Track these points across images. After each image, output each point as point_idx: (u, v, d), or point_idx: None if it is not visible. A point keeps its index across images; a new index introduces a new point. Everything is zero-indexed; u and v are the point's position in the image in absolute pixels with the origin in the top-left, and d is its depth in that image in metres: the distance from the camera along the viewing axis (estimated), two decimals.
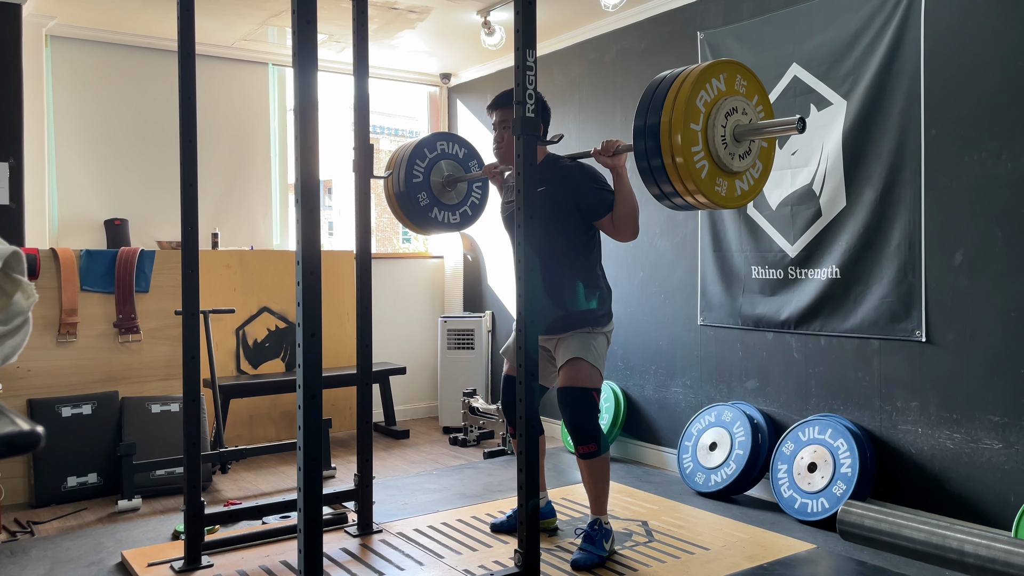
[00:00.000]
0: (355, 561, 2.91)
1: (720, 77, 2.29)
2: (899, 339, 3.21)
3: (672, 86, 2.26)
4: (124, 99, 4.74)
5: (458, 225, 3.43)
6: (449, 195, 3.38)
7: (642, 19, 4.29)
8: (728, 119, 2.26)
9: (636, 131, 2.30)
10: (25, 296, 1.24)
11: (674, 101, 2.22)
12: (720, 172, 2.27)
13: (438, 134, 3.41)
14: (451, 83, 5.87)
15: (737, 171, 2.30)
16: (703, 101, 2.23)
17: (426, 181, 3.30)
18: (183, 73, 2.77)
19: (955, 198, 3.04)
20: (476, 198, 3.48)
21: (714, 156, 2.25)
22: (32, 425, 0.74)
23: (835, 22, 3.39)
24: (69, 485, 3.69)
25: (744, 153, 2.30)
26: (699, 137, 2.21)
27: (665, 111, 2.23)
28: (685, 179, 2.21)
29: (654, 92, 2.30)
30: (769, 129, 2.28)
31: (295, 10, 2.10)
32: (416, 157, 3.29)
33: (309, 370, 2.10)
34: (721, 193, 2.26)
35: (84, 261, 3.98)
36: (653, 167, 2.26)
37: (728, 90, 2.29)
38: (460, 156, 3.42)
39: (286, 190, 5.30)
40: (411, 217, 3.32)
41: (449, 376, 5.27)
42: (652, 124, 2.25)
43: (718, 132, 2.23)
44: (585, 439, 2.85)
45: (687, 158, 2.18)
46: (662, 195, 2.33)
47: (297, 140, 2.12)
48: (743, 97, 2.32)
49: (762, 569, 2.81)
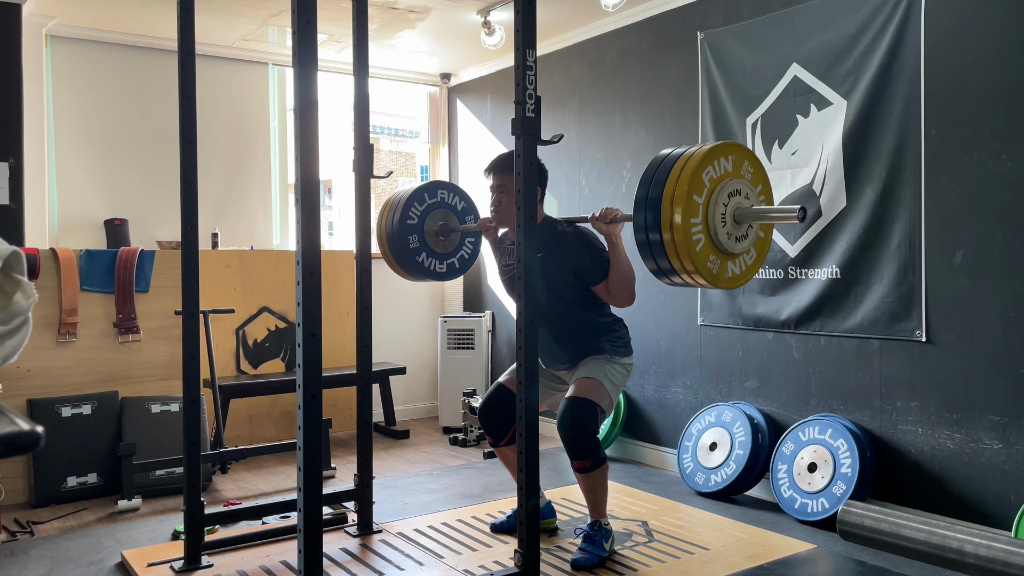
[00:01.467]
0: (355, 561, 2.91)
1: (728, 158, 2.29)
2: (899, 339, 3.21)
3: (678, 161, 2.25)
4: (124, 99, 4.74)
5: (444, 275, 3.39)
6: (440, 243, 3.35)
7: (642, 19, 4.29)
8: (731, 199, 2.26)
9: (637, 203, 2.28)
10: (25, 296, 1.24)
11: (680, 173, 2.22)
12: (715, 250, 2.26)
13: (440, 182, 3.38)
14: (451, 83, 5.87)
15: (732, 252, 2.29)
16: (709, 176, 2.23)
17: (420, 225, 3.28)
18: (183, 73, 2.77)
19: (955, 198, 3.04)
20: (467, 252, 3.44)
21: (711, 232, 2.24)
22: (32, 425, 0.74)
23: (835, 22, 3.39)
24: (69, 485, 3.69)
25: (741, 236, 2.30)
26: (700, 210, 2.21)
27: (668, 185, 2.22)
28: (682, 252, 2.19)
29: (658, 166, 2.30)
30: (770, 214, 2.28)
31: (295, 10, 2.10)
32: (415, 200, 3.27)
33: (309, 370, 2.10)
34: (713, 270, 2.25)
35: (84, 261, 3.98)
36: (651, 241, 2.25)
37: (734, 172, 2.30)
38: (458, 208, 3.38)
39: (286, 190, 5.30)
40: (398, 258, 3.28)
41: (449, 376, 5.27)
42: (654, 197, 2.24)
43: (719, 210, 2.23)
44: (580, 454, 2.81)
45: (685, 228, 2.17)
46: (659, 270, 2.31)
47: (297, 140, 2.12)
48: (748, 182, 2.32)
49: (762, 569, 2.81)
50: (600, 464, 2.84)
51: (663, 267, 2.28)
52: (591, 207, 4.62)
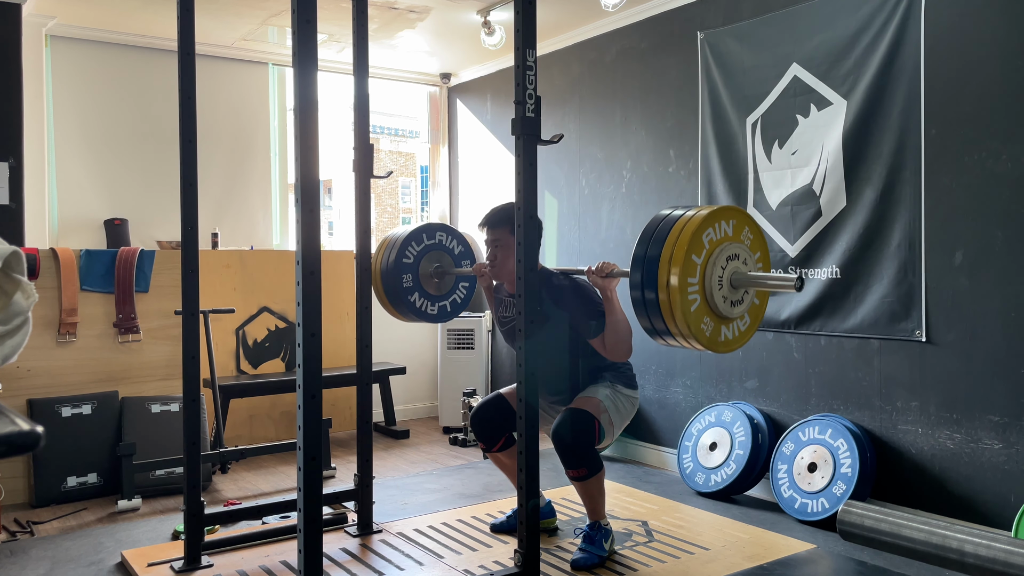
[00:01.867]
0: (355, 561, 2.91)
1: (729, 222, 2.29)
2: (899, 339, 3.21)
3: (679, 221, 2.25)
4: (124, 99, 4.75)
5: (435, 317, 3.36)
6: (434, 285, 3.33)
7: (642, 19, 4.29)
8: (728, 263, 2.26)
9: (635, 260, 2.28)
10: (25, 296, 1.24)
11: (680, 232, 2.21)
12: (710, 312, 2.25)
13: (439, 225, 3.36)
14: (451, 83, 5.87)
15: (726, 316, 2.28)
16: (709, 238, 2.23)
17: (415, 265, 3.26)
18: (183, 73, 2.77)
19: (955, 198, 3.04)
20: (459, 297, 3.42)
21: (707, 294, 2.23)
22: (32, 425, 0.74)
23: (835, 22, 3.39)
24: (69, 485, 3.69)
25: (736, 301, 2.29)
26: (698, 271, 2.21)
27: (668, 244, 2.21)
28: (676, 312, 2.18)
29: (658, 225, 2.29)
30: (767, 281, 2.27)
31: (295, 10, 2.10)
32: (413, 239, 3.25)
33: (309, 370, 2.10)
34: (706, 332, 2.24)
35: (84, 261, 3.98)
36: (647, 299, 2.24)
37: (734, 237, 2.30)
38: (456, 252, 3.37)
39: (286, 190, 5.31)
40: (390, 297, 3.25)
41: (449, 376, 5.27)
42: (652, 255, 2.23)
43: (716, 272, 2.23)
44: (574, 463, 2.80)
45: (682, 287, 2.17)
46: (653, 330, 2.30)
47: (297, 140, 2.12)
48: (747, 248, 2.32)
49: (762, 569, 2.81)
50: (595, 472, 2.83)
51: (657, 327, 2.27)
52: (591, 207, 4.63)
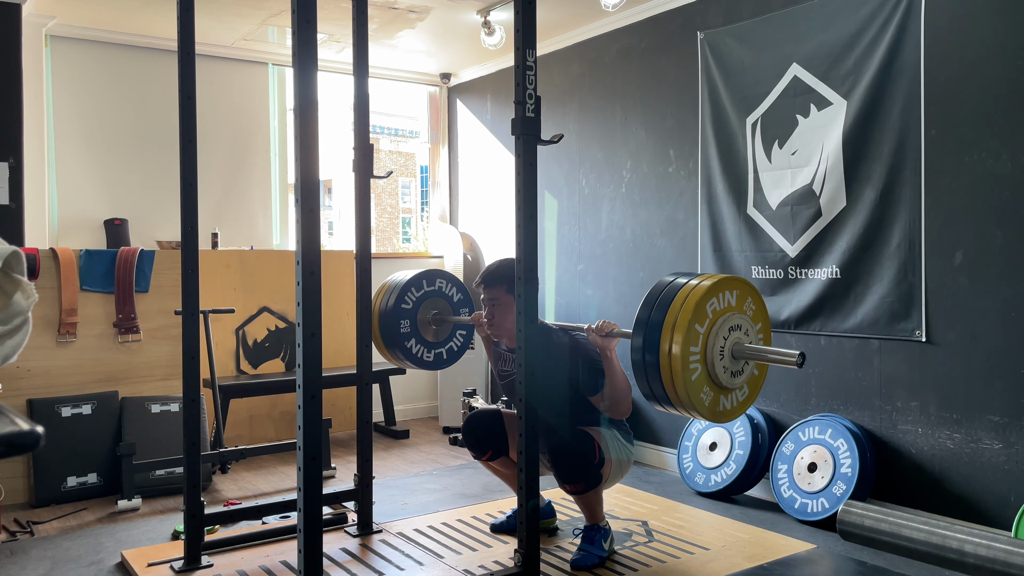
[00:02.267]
0: (355, 561, 2.91)
1: (733, 292, 2.30)
2: (899, 339, 3.21)
3: (683, 289, 2.26)
4: (124, 99, 4.75)
5: (430, 365, 3.35)
6: (432, 332, 3.33)
7: (642, 19, 4.29)
8: (731, 334, 2.27)
9: (638, 323, 2.28)
10: (25, 296, 1.24)
11: (684, 300, 2.22)
12: (710, 382, 2.25)
13: (440, 272, 3.36)
14: (451, 83, 5.87)
15: (726, 387, 2.28)
16: (712, 308, 2.24)
17: (414, 311, 3.26)
18: (183, 73, 2.77)
19: (955, 198, 3.04)
20: (456, 345, 3.41)
21: (708, 364, 2.24)
22: (32, 425, 0.74)
23: (835, 22, 3.39)
24: (69, 485, 3.69)
25: (736, 372, 2.30)
26: (700, 340, 2.21)
27: (671, 311, 2.22)
28: (676, 379, 2.19)
29: (663, 291, 2.30)
30: (768, 355, 2.27)
31: (295, 10, 2.10)
32: (412, 285, 3.25)
33: (309, 370, 2.10)
34: (705, 402, 2.24)
35: (84, 261, 3.98)
36: (647, 363, 2.24)
37: (737, 307, 2.31)
38: (454, 300, 3.36)
39: (286, 190, 5.30)
40: (386, 340, 3.24)
41: (449, 376, 5.27)
42: (656, 320, 2.24)
43: (718, 342, 2.24)
44: (572, 478, 2.78)
45: (684, 355, 2.17)
46: (651, 395, 2.29)
47: (297, 140, 2.12)
48: (749, 319, 2.32)
49: (762, 569, 2.81)
50: (594, 486, 2.82)
51: (656, 392, 2.26)
52: (591, 207, 4.63)
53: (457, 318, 3.32)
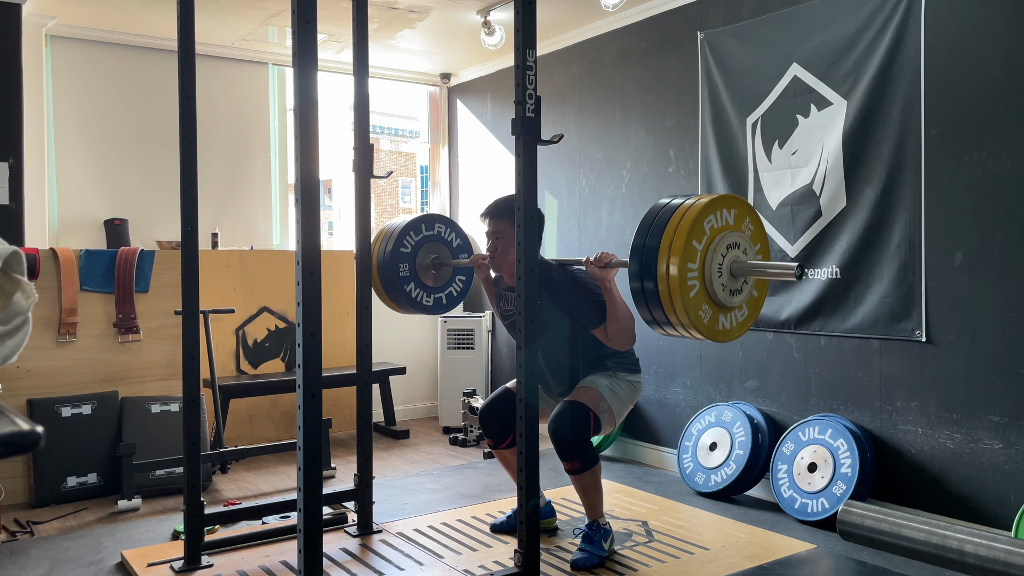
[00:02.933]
0: (355, 561, 2.91)
1: (731, 211, 2.29)
2: (899, 339, 3.21)
3: (679, 210, 2.25)
4: (124, 99, 4.75)
5: (431, 309, 3.34)
6: (431, 277, 3.32)
7: (642, 19, 4.29)
8: (728, 252, 2.25)
9: (634, 250, 2.27)
10: (25, 296, 1.24)
11: (680, 219, 2.21)
12: (708, 299, 2.25)
13: (438, 216, 3.37)
14: (451, 83, 5.87)
15: (724, 305, 2.27)
16: (710, 225, 2.23)
17: (412, 256, 3.25)
18: (183, 73, 2.77)
19: (955, 198, 3.04)
20: (456, 289, 3.40)
21: (707, 282, 2.23)
22: (32, 425, 0.74)
23: (835, 22, 3.39)
24: (69, 485, 3.69)
25: (735, 290, 2.29)
26: (698, 257, 2.20)
27: (667, 234, 2.21)
28: (675, 300, 2.18)
29: (657, 215, 2.29)
30: (767, 270, 2.26)
31: (295, 10, 2.10)
32: (411, 229, 3.25)
33: (309, 370, 2.10)
34: (704, 320, 2.23)
35: (84, 261, 3.98)
36: (646, 289, 2.24)
37: (735, 226, 2.30)
38: (453, 244, 3.36)
39: (286, 190, 5.31)
40: (387, 287, 3.24)
41: (449, 376, 5.27)
42: (651, 245, 2.23)
43: (716, 260, 2.23)
44: (569, 455, 2.81)
45: (681, 274, 2.17)
46: (652, 320, 2.29)
47: (297, 140, 2.12)
48: (748, 238, 2.31)
49: (762, 569, 2.81)
50: (591, 465, 2.84)
51: (656, 317, 2.26)
52: (591, 207, 4.63)
53: (456, 262, 3.32)
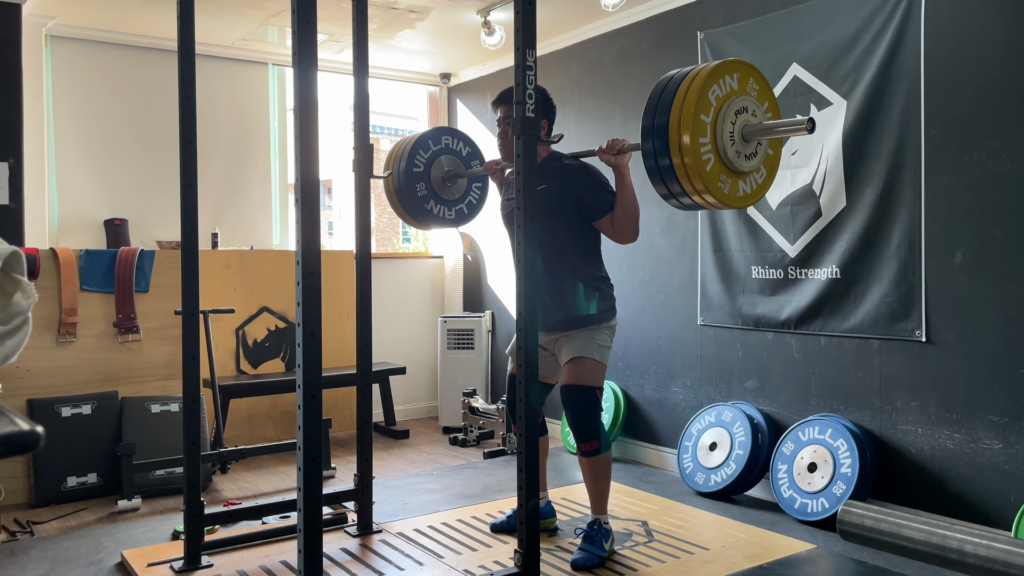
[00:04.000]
0: (355, 561, 2.91)
1: (734, 76, 2.28)
2: (899, 339, 3.21)
3: (683, 82, 2.24)
4: (124, 99, 4.74)
5: (453, 221, 3.42)
6: (448, 190, 3.39)
7: (642, 19, 4.29)
8: (738, 117, 2.25)
9: (644, 130, 2.28)
10: (25, 296, 1.24)
11: (685, 94, 2.20)
12: (725, 169, 2.26)
13: (443, 128, 3.43)
14: (451, 83, 5.87)
15: (742, 171, 2.28)
16: (715, 95, 2.22)
17: (426, 173, 3.31)
18: (183, 73, 2.77)
19: (955, 198, 3.04)
20: (474, 197, 3.49)
21: (720, 151, 2.23)
22: (32, 425, 0.74)
23: (835, 22, 3.39)
24: (69, 485, 3.69)
25: (750, 154, 2.29)
26: (708, 130, 2.20)
27: (674, 110, 2.21)
28: (692, 175, 2.19)
29: (662, 91, 2.28)
30: (778, 129, 2.26)
31: (295, 10, 2.10)
32: (420, 147, 3.30)
33: (309, 370, 2.10)
34: (724, 190, 2.25)
35: (84, 261, 3.98)
36: (661, 167, 2.26)
37: (740, 90, 2.29)
38: (463, 154, 3.42)
39: (286, 190, 5.30)
40: (407, 207, 3.31)
41: (449, 376, 5.27)
42: (661, 123, 2.24)
43: (727, 128, 2.22)
44: (586, 437, 2.87)
45: (695, 150, 2.17)
46: (669, 194, 2.33)
47: (297, 140, 2.12)
48: (755, 99, 2.31)
49: (762, 569, 2.81)
50: (606, 448, 2.90)
51: (674, 191, 2.28)
52: None
53: (470, 171, 3.35)
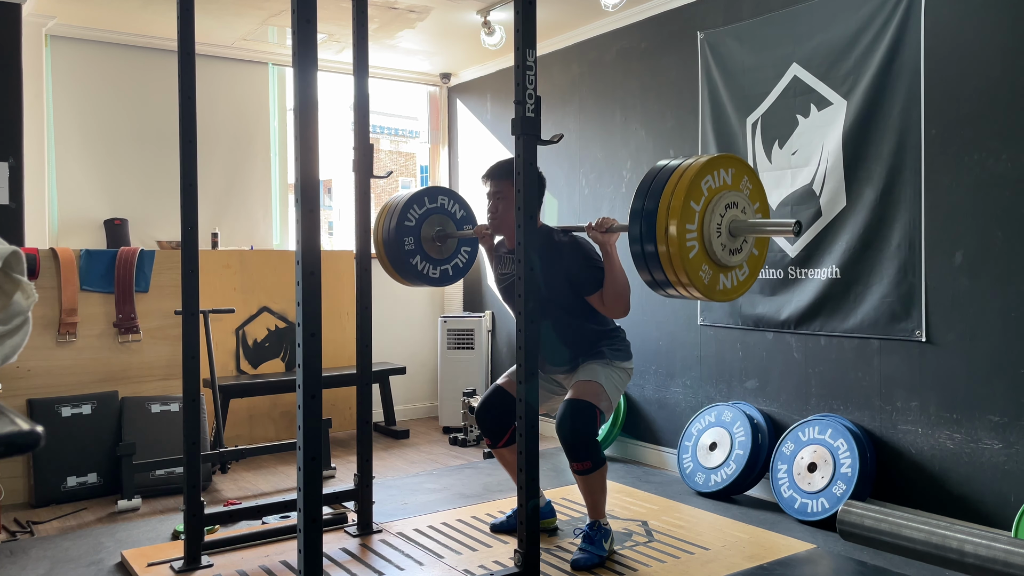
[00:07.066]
0: (355, 561, 2.91)
1: (728, 170, 2.28)
2: (899, 339, 3.21)
3: (676, 171, 2.25)
4: (124, 99, 4.74)
5: (438, 281, 3.36)
6: (436, 249, 3.33)
7: (642, 19, 4.29)
8: (727, 211, 2.25)
9: (633, 213, 2.28)
10: (25, 296, 1.24)
11: (678, 179, 2.21)
12: (708, 259, 2.25)
13: (440, 188, 3.37)
14: (451, 83, 5.87)
15: (725, 265, 2.27)
16: (708, 185, 2.23)
17: (417, 228, 3.26)
18: (183, 73, 2.77)
19: (955, 198, 3.04)
20: (462, 260, 3.42)
21: (706, 241, 2.23)
22: (32, 425, 0.74)
23: (835, 22, 3.39)
24: (69, 485, 3.69)
25: (735, 249, 2.29)
26: (696, 218, 2.20)
27: (665, 195, 2.21)
28: (675, 261, 2.18)
29: (655, 177, 2.29)
30: (765, 227, 2.26)
31: (295, 10, 2.10)
32: (414, 202, 3.26)
33: (309, 370, 2.10)
34: (704, 280, 2.24)
35: (84, 261, 3.98)
36: (646, 252, 2.24)
37: (733, 185, 2.30)
38: (456, 215, 3.37)
39: (286, 190, 5.30)
40: (393, 260, 3.25)
41: (449, 376, 5.27)
42: (650, 208, 2.23)
43: (715, 219, 2.23)
44: (579, 456, 2.81)
45: (680, 235, 2.17)
46: (653, 282, 2.30)
47: (297, 140, 2.12)
48: (746, 197, 2.31)
49: (762, 569, 2.81)
50: (599, 466, 2.84)
51: (658, 279, 2.27)
52: (591, 207, 4.63)
53: (460, 232, 3.32)
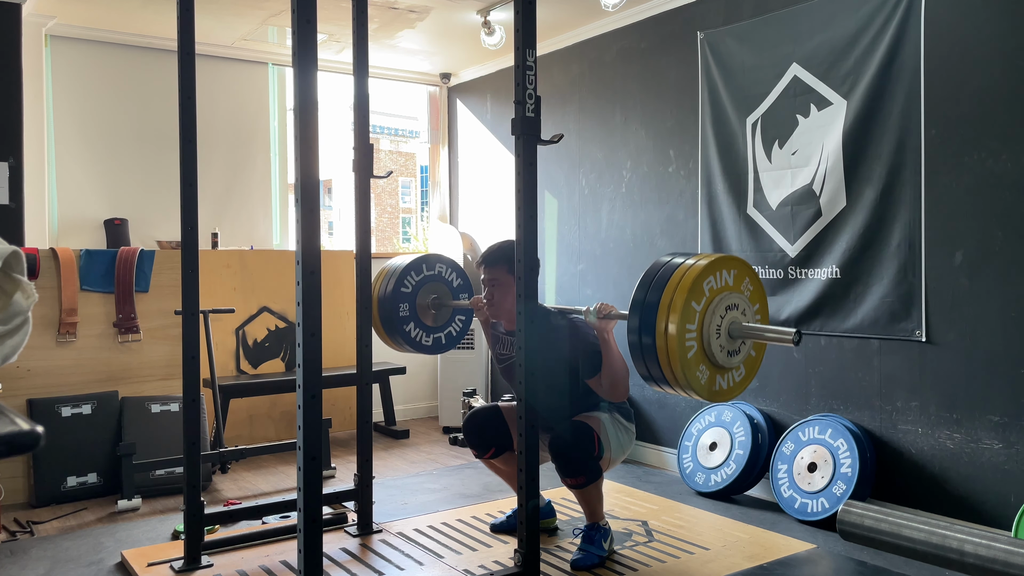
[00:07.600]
0: (355, 561, 2.91)
1: (731, 271, 2.28)
2: (899, 339, 3.21)
3: (680, 268, 2.24)
4: (124, 99, 4.74)
5: (429, 349, 3.34)
6: (431, 316, 3.32)
7: (642, 19, 4.29)
8: (728, 312, 2.25)
9: (634, 304, 2.27)
10: (25, 296, 1.24)
11: (681, 277, 2.21)
12: (705, 360, 2.24)
13: (440, 256, 3.37)
14: (451, 83, 5.87)
15: (722, 366, 2.27)
16: (709, 286, 2.22)
17: (413, 295, 3.25)
18: (183, 73, 2.77)
19: (955, 198, 3.04)
20: (455, 330, 3.40)
21: (705, 342, 2.22)
22: (32, 425, 0.74)
23: (835, 22, 3.39)
24: (69, 485, 3.69)
25: (733, 351, 2.28)
26: (696, 318, 2.20)
27: (667, 291, 2.21)
28: (672, 358, 2.18)
29: (659, 271, 2.28)
30: (765, 334, 2.26)
31: (295, 10, 2.10)
32: (412, 269, 3.25)
33: (309, 370, 2.10)
34: (700, 380, 2.23)
35: (84, 261, 3.98)
36: (644, 344, 2.23)
37: (735, 287, 2.30)
38: (454, 285, 3.36)
39: (286, 190, 5.30)
40: (385, 324, 3.23)
41: (449, 376, 5.27)
42: (652, 301, 2.23)
43: (715, 321, 2.22)
44: (573, 472, 2.78)
45: (680, 333, 2.16)
46: (648, 376, 2.29)
47: (297, 140, 2.12)
48: (747, 299, 2.31)
49: (762, 569, 2.81)
50: (594, 480, 2.82)
51: (654, 373, 2.26)
52: (591, 207, 4.63)
53: (456, 302, 3.31)
